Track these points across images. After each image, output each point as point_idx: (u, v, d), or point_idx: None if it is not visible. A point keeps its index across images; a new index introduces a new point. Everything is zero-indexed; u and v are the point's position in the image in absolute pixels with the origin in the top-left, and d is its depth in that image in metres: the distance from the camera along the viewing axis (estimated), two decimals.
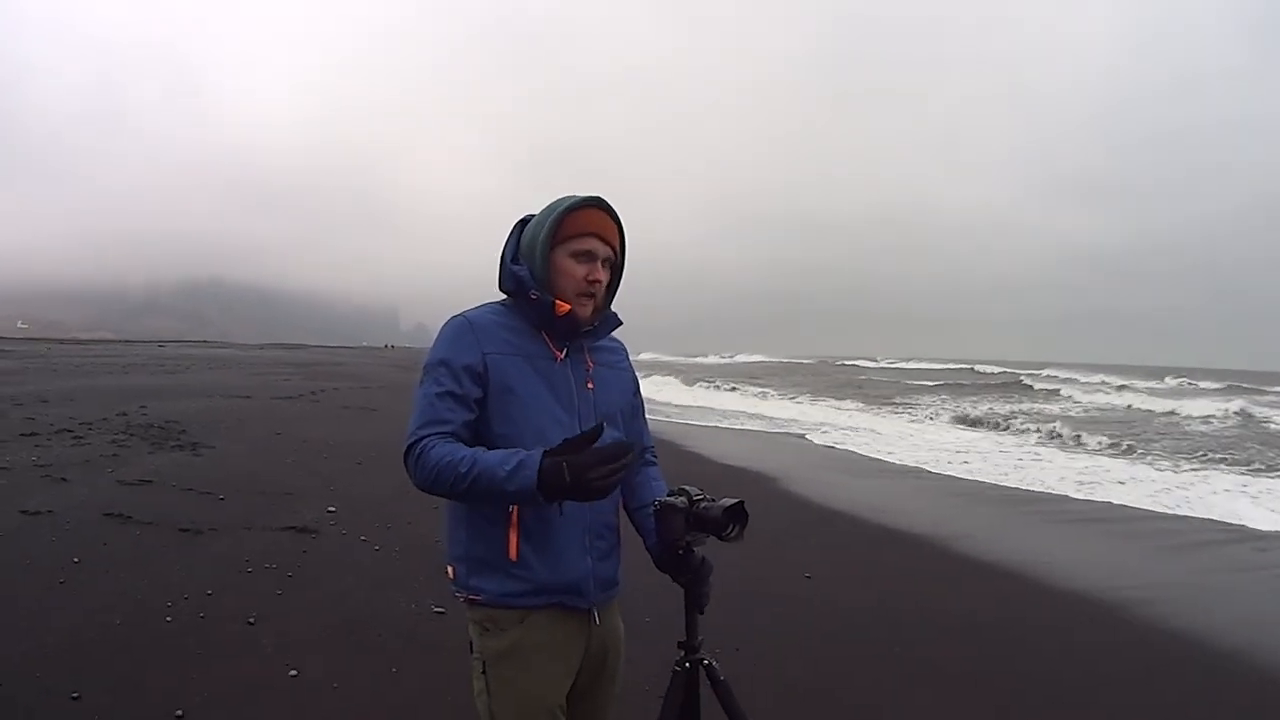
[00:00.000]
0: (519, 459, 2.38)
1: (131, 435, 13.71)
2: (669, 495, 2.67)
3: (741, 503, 2.58)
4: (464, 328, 2.69)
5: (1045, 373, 67.01)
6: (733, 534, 2.58)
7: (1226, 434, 26.65)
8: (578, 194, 2.77)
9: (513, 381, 2.65)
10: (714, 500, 2.61)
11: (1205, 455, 20.41)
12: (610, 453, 2.35)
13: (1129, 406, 36.74)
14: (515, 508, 2.58)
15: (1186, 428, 28.37)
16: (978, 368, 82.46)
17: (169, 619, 5.80)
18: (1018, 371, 68.16)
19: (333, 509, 9.18)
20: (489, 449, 2.49)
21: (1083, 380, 57.73)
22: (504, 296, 2.83)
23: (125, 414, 16.35)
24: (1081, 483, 15.01)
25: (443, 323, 2.76)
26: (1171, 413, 33.02)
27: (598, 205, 2.76)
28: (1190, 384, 60.34)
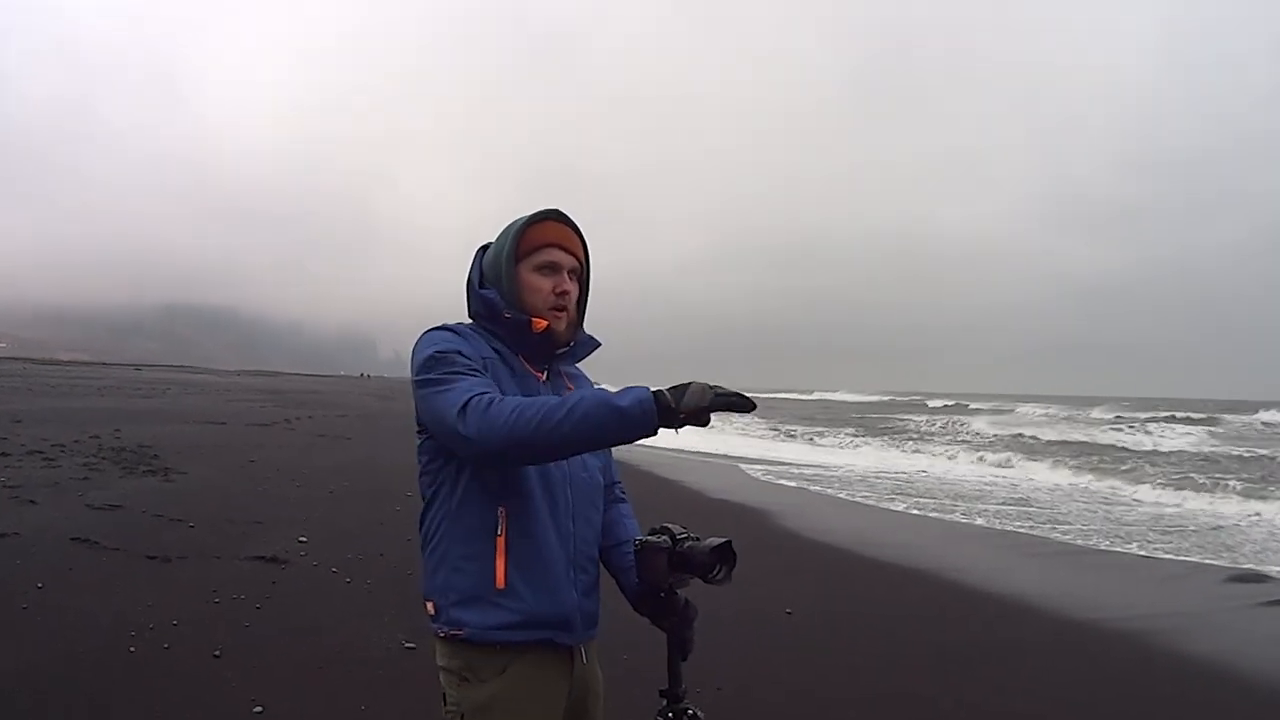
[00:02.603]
0: (624, 390, 2.18)
1: (103, 459, 13.50)
2: (651, 534, 2.52)
3: (729, 542, 2.42)
4: (453, 333, 2.51)
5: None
6: (719, 576, 2.42)
7: None
8: (537, 209, 2.66)
9: (507, 393, 2.42)
10: (698, 539, 2.45)
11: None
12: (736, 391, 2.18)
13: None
14: (503, 528, 2.39)
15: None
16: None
17: (133, 649, 5.63)
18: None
19: (304, 539, 9.00)
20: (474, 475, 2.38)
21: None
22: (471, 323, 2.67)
23: (98, 437, 16.14)
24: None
25: (421, 334, 2.54)
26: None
27: (555, 217, 2.63)
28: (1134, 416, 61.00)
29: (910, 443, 35.77)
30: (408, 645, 6.05)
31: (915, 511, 15.69)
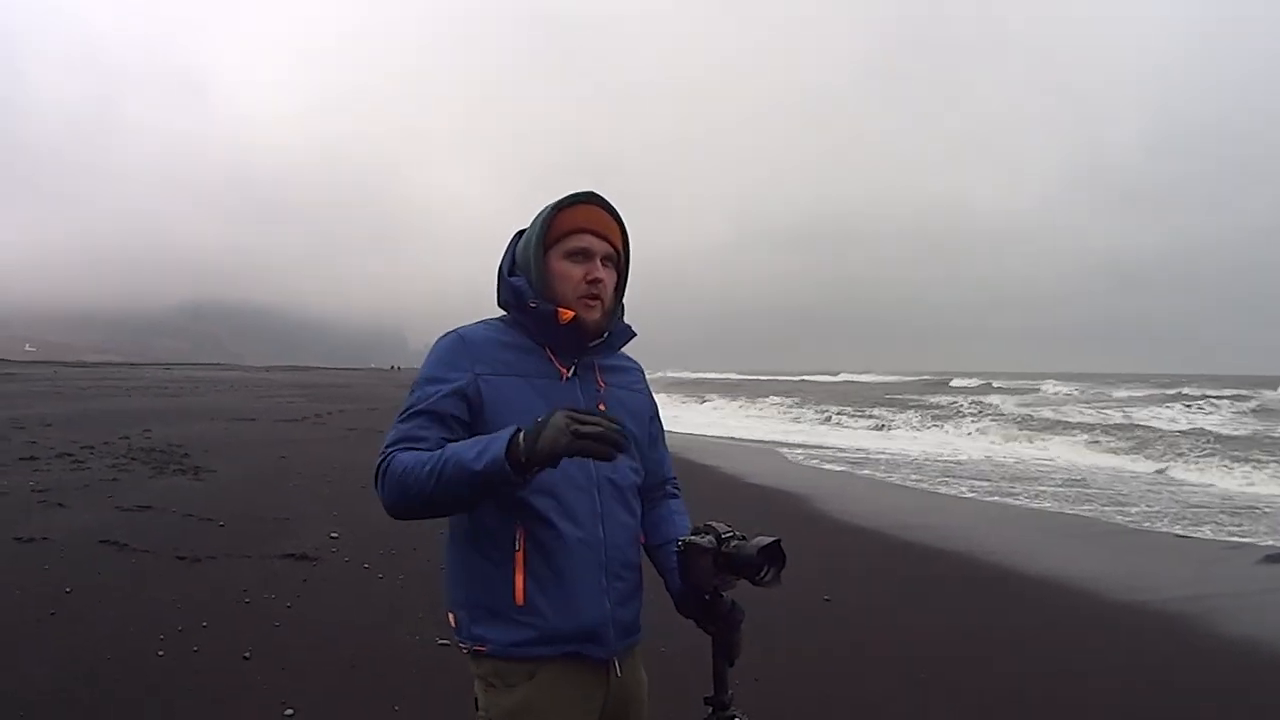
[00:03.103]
0: (487, 439, 2.10)
1: (133, 459, 13.47)
2: (694, 533, 2.35)
3: (778, 541, 2.23)
4: (455, 344, 2.41)
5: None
6: (767, 577, 2.24)
7: None
8: (570, 192, 2.51)
9: (507, 405, 2.33)
10: (745, 539, 2.27)
11: None
12: (590, 410, 2.07)
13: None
14: (521, 543, 2.27)
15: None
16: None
17: (161, 653, 5.51)
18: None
19: (335, 535, 8.90)
20: None
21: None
22: (502, 313, 2.55)
23: (128, 437, 16.14)
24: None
25: (435, 340, 2.48)
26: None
27: (589, 200, 2.47)
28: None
29: (941, 422, 35.36)
30: (441, 642, 5.89)
31: (969, 494, 15.49)
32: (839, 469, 18.85)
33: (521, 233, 2.54)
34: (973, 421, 34.90)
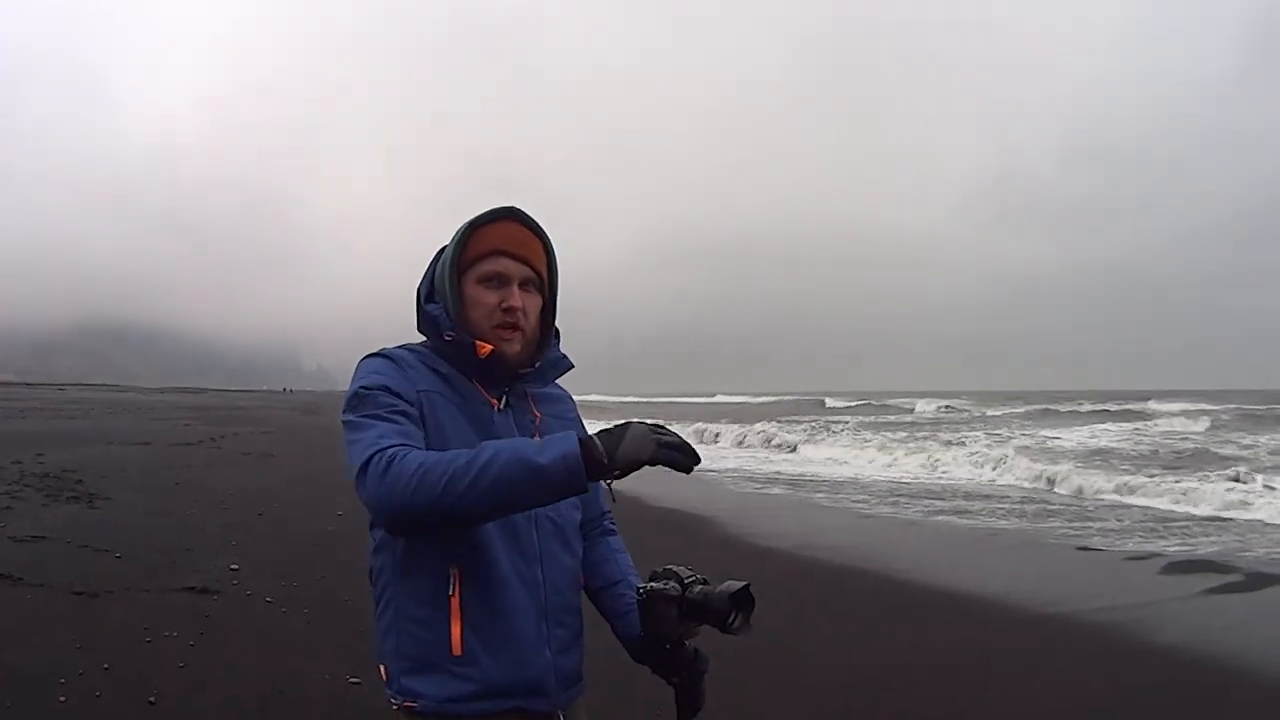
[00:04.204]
0: (543, 440, 1.92)
1: (26, 485, 12.68)
2: (653, 579, 2.17)
3: (747, 586, 2.08)
4: (388, 363, 2.15)
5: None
6: (736, 624, 2.08)
7: None
8: (490, 208, 2.25)
9: (449, 429, 2.10)
10: (707, 583, 2.12)
11: None
12: (663, 426, 1.92)
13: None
14: (456, 585, 2.05)
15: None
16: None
17: (62, 698, 5.12)
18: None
19: (235, 566, 8.49)
20: None
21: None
22: (422, 339, 2.30)
23: (20, 462, 15.25)
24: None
25: (359, 362, 2.20)
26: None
27: (507, 216, 2.22)
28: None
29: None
30: (352, 681, 5.63)
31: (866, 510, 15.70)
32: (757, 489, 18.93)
33: (442, 251, 2.30)
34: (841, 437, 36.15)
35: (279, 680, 5.73)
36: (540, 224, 2.26)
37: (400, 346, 2.26)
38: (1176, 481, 18.94)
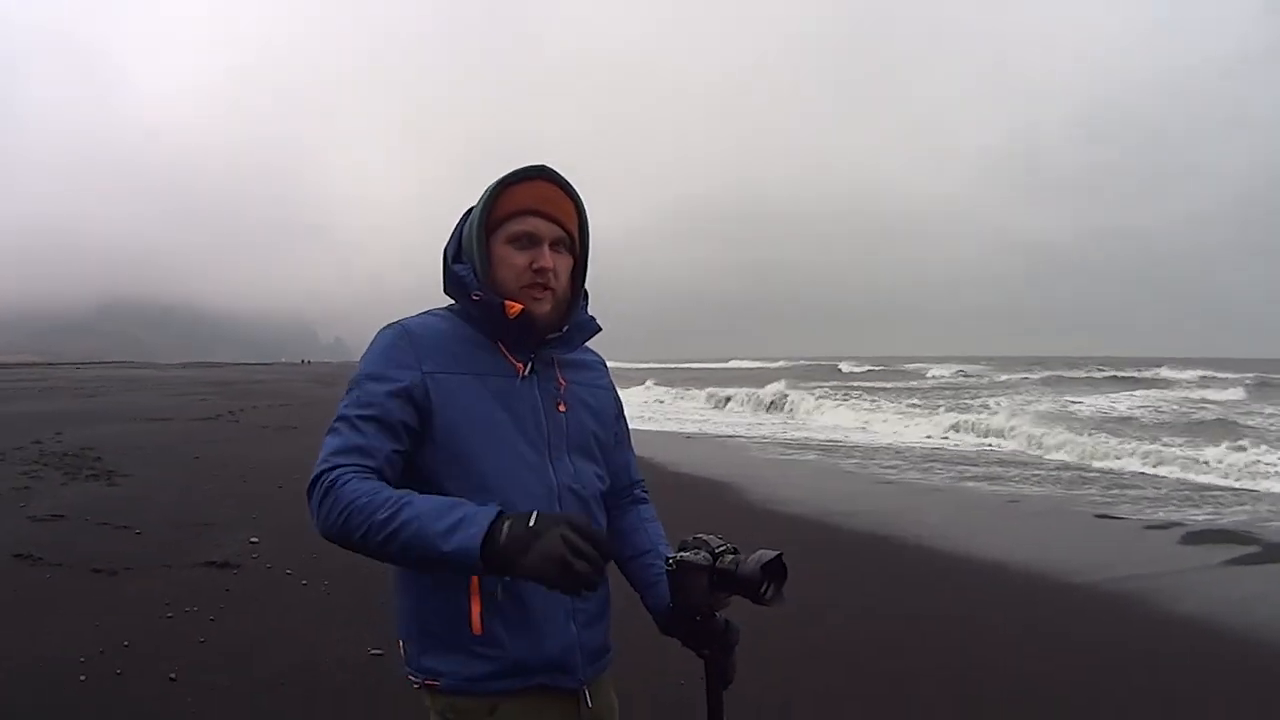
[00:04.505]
0: (463, 511, 1.77)
1: (45, 464, 12.76)
2: (683, 549, 2.06)
3: (779, 555, 1.98)
4: (399, 338, 2.08)
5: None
6: (769, 594, 1.98)
7: None
8: (519, 166, 2.15)
9: (461, 408, 2.04)
10: (738, 552, 2.02)
11: None
12: (592, 532, 1.72)
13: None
14: None
15: None
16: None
17: (83, 677, 5.10)
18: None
19: (255, 539, 8.49)
20: None
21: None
22: (450, 302, 2.22)
23: (40, 441, 15.35)
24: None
25: (375, 334, 2.14)
26: None
27: (540, 175, 2.13)
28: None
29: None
30: (374, 652, 5.58)
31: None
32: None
33: (470, 212, 2.21)
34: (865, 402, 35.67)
35: (300, 653, 5.70)
36: (571, 183, 2.16)
37: (425, 313, 2.19)
38: (1196, 451, 18.43)
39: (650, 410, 35.54)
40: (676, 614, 2.11)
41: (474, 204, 2.19)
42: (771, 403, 37.02)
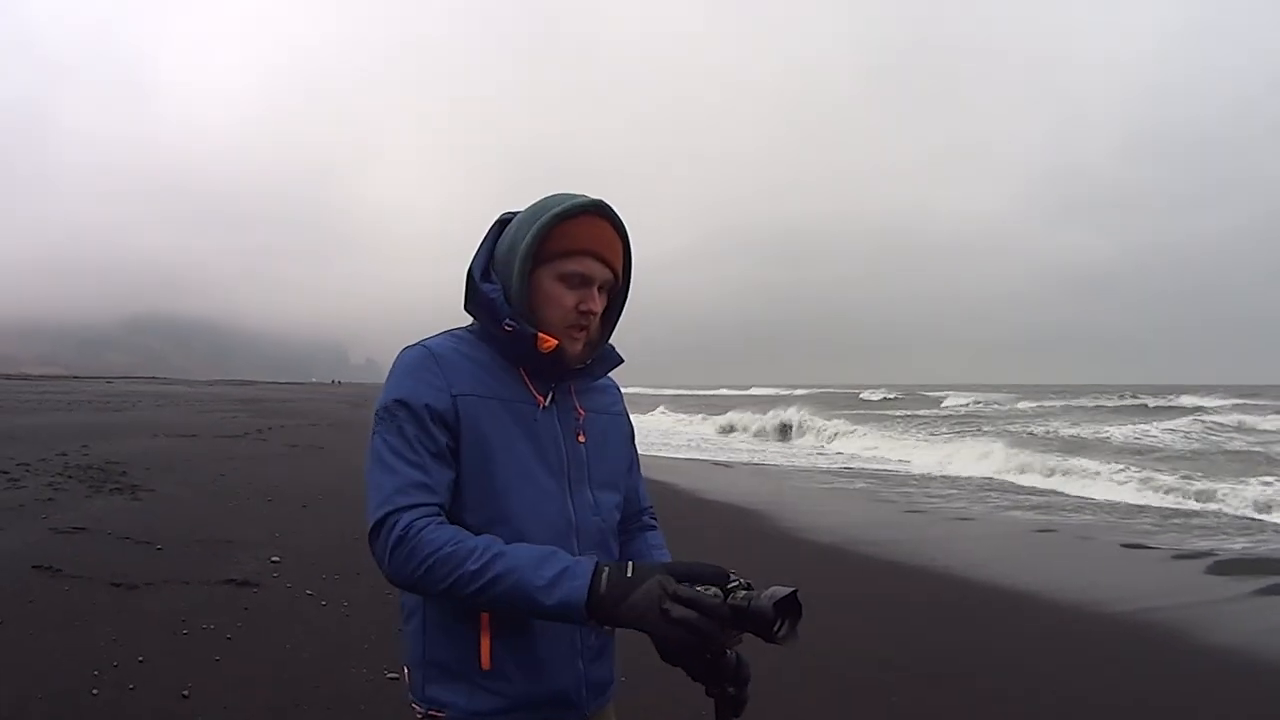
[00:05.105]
0: (562, 563, 1.79)
1: (70, 477, 12.78)
2: (697, 585, 1.94)
3: (794, 592, 1.87)
4: (425, 360, 2.01)
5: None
6: (782, 632, 1.87)
7: None
8: (573, 195, 2.06)
9: (488, 435, 1.98)
10: (751, 587, 1.90)
11: None
12: (709, 603, 1.76)
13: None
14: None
15: None
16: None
17: (95, 691, 5.05)
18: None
19: (276, 559, 8.43)
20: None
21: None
22: (470, 321, 2.15)
23: (65, 454, 15.41)
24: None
25: (396, 355, 2.08)
26: None
27: (598, 212, 2.05)
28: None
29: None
30: (390, 676, 5.51)
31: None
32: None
33: (503, 223, 2.14)
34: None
35: (316, 674, 5.63)
36: (623, 221, 2.11)
37: (445, 333, 2.14)
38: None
39: (652, 438, 35.29)
40: (685, 651, 1.99)
41: (512, 212, 2.13)
42: (783, 426, 37.69)
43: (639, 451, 2.47)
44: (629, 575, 1.75)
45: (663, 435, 38.24)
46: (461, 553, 1.80)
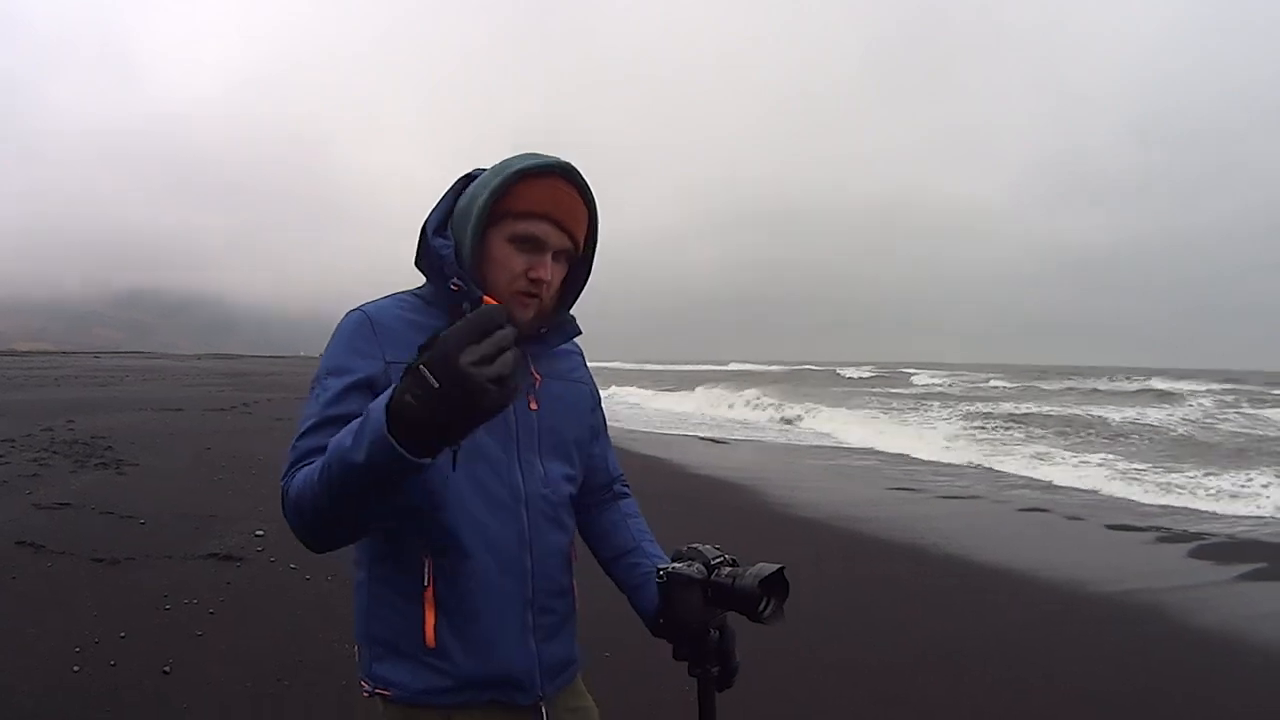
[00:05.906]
0: (368, 408, 1.56)
1: (54, 453, 12.75)
2: (677, 559, 1.97)
3: (780, 570, 1.88)
4: (360, 325, 1.94)
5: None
6: (767, 611, 1.89)
7: None
8: (541, 155, 1.94)
9: None
10: (736, 565, 1.92)
11: None
12: (481, 321, 1.41)
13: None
14: (429, 577, 1.91)
15: None
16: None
17: (76, 668, 5.07)
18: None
19: (260, 532, 8.41)
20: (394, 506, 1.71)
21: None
22: (422, 283, 2.06)
23: (51, 429, 15.37)
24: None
25: (339, 320, 2.00)
26: None
27: (563, 174, 1.94)
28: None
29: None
30: None
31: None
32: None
33: (470, 178, 2.04)
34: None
35: (299, 647, 5.66)
36: (590, 187, 2.00)
37: (389, 296, 2.06)
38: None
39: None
40: (667, 629, 2.02)
41: (476, 173, 2.05)
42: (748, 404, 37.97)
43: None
44: (426, 374, 1.40)
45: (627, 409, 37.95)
46: (312, 471, 1.71)
